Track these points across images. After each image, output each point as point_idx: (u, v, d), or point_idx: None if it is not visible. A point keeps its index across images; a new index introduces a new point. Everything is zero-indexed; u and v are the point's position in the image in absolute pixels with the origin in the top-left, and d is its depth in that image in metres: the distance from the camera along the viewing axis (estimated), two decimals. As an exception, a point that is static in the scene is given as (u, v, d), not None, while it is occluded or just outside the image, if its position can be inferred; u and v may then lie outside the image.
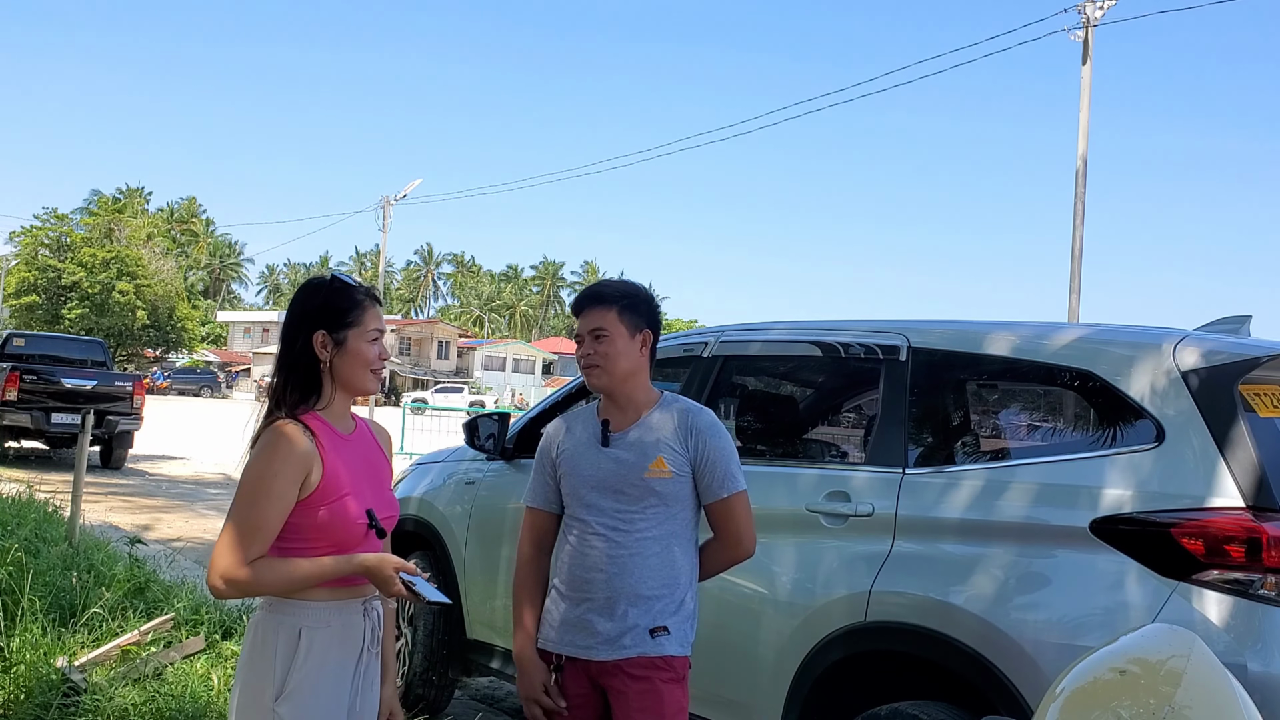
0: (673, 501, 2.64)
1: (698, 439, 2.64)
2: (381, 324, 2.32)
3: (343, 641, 2.22)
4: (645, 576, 2.60)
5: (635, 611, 2.59)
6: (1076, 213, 19.78)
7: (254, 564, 2.10)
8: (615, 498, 2.63)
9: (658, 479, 2.61)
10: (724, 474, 2.64)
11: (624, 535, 2.61)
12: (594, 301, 2.70)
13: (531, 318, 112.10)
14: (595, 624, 2.60)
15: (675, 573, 2.64)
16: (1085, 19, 19.48)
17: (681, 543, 2.67)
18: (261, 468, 2.14)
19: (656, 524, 2.63)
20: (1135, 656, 1.14)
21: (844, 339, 3.55)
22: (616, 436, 2.68)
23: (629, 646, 2.58)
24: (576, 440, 2.74)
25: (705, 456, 2.64)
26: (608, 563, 2.61)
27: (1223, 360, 2.75)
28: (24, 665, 4.44)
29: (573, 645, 2.64)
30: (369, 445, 2.38)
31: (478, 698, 5.50)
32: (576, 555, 2.66)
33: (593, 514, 2.65)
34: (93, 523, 8.86)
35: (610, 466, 2.65)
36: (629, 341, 2.67)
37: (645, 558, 2.61)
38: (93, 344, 17.34)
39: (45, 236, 51.49)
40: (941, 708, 2.82)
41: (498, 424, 4.65)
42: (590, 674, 2.63)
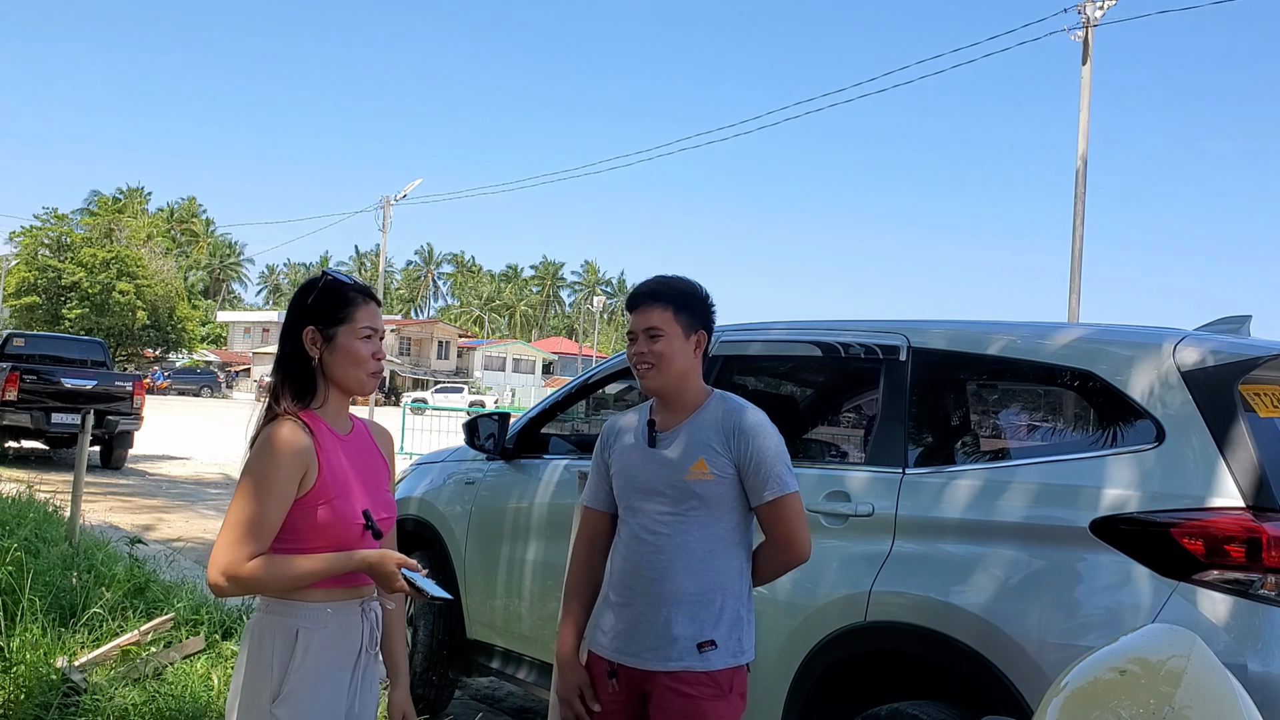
0: (716, 504, 2.55)
1: (740, 439, 2.54)
2: (376, 322, 2.28)
3: (340, 643, 2.20)
4: (688, 582, 2.52)
5: (680, 619, 2.51)
6: (1076, 213, 19.77)
7: (255, 561, 2.09)
8: (658, 500, 2.57)
9: (698, 481, 2.53)
10: (769, 475, 2.53)
11: (665, 539, 2.54)
12: (650, 300, 2.63)
13: (531, 318, 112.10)
14: (642, 632, 2.55)
15: (722, 578, 2.55)
16: (1085, 19, 19.47)
17: (728, 546, 2.57)
18: (260, 465, 2.13)
19: (699, 527, 2.55)
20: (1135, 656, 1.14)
21: (844, 339, 3.55)
22: (663, 437, 2.62)
23: (675, 659, 2.51)
24: (627, 440, 2.69)
25: (750, 457, 2.54)
26: (649, 568, 2.55)
27: (1223, 360, 2.75)
28: (24, 665, 4.44)
29: (622, 653, 2.58)
30: (367, 446, 2.36)
31: (478, 698, 5.50)
32: (624, 561, 2.61)
33: (637, 517, 2.60)
34: (93, 523, 8.86)
35: (654, 468, 2.59)
36: (684, 342, 2.61)
37: (688, 562, 2.53)
38: (93, 344, 17.34)
39: (45, 236, 51.47)
40: (941, 708, 2.82)
41: (498, 424, 4.65)
42: (636, 680, 2.57)
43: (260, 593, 2.18)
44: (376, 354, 2.28)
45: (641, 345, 2.61)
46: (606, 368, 4.62)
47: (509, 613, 4.48)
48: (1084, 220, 19.81)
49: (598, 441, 2.78)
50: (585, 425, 6.05)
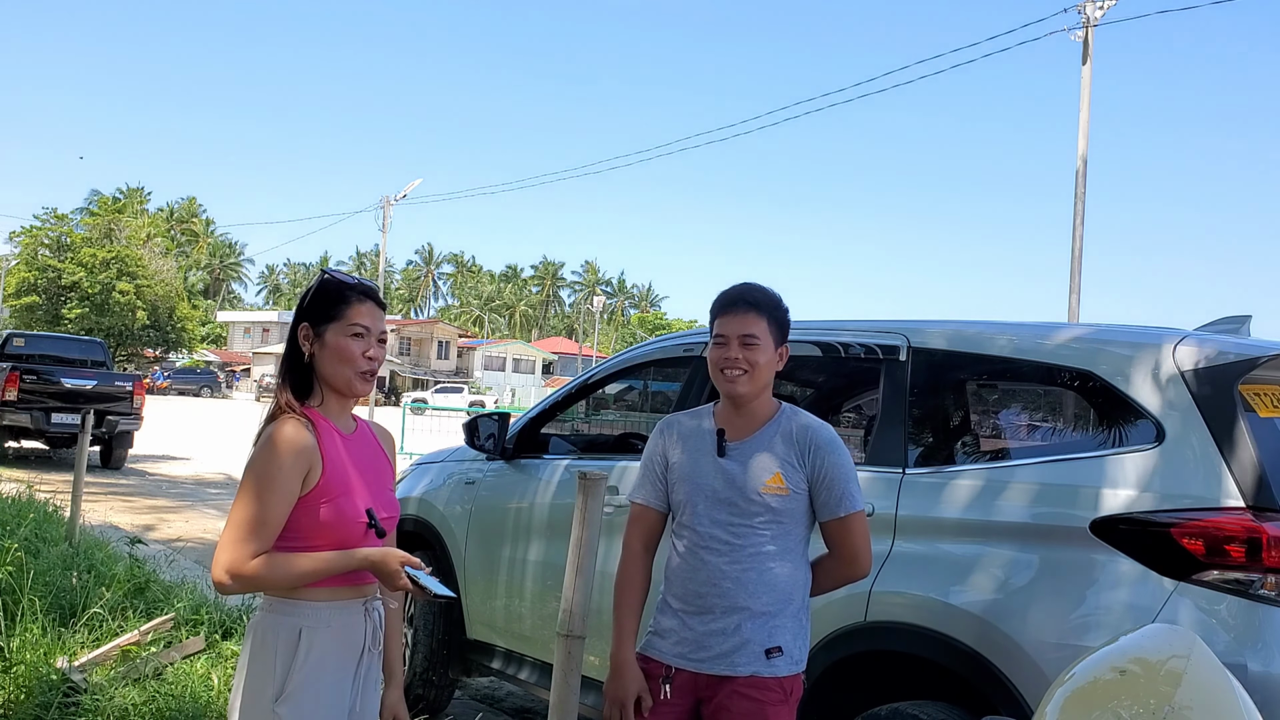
0: (787, 518, 2.56)
1: (815, 455, 2.56)
2: (369, 321, 2.25)
3: (343, 642, 2.20)
4: (760, 593, 2.53)
5: (750, 627, 2.52)
6: (1076, 213, 19.78)
7: (258, 559, 2.09)
8: (729, 510, 2.56)
9: (774, 495, 2.54)
10: (842, 492, 2.56)
11: (738, 551, 2.54)
12: (749, 306, 2.60)
13: (531, 318, 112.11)
14: (710, 639, 2.54)
15: (790, 589, 2.57)
16: (1085, 19, 19.48)
17: (795, 558, 2.59)
18: (264, 462, 2.13)
19: (771, 539, 2.55)
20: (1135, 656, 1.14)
21: (844, 339, 3.55)
22: (732, 447, 2.60)
23: (743, 665, 2.51)
24: (691, 446, 2.66)
25: (823, 474, 2.55)
26: (722, 578, 2.54)
27: (1223, 360, 2.75)
28: (24, 665, 4.44)
29: (684, 659, 2.57)
30: (370, 445, 2.36)
31: (478, 698, 5.50)
32: (689, 568, 2.59)
33: (705, 525, 2.58)
34: (93, 523, 8.86)
35: (725, 479, 2.57)
36: (773, 354, 2.60)
37: (760, 573, 2.54)
38: (93, 344, 17.33)
39: (45, 236, 51.47)
40: (941, 708, 2.82)
41: (498, 424, 4.65)
42: (697, 686, 2.56)
43: (263, 590, 2.17)
44: (368, 353, 2.24)
45: (735, 350, 2.58)
46: (606, 368, 4.62)
47: (509, 613, 4.48)
48: (1084, 220, 19.82)
49: (654, 439, 2.75)
50: (585, 425, 6.06)
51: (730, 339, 2.59)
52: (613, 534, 3.82)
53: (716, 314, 2.66)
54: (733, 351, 2.58)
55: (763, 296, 2.63)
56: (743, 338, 2.57)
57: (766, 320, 2.59)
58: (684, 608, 2.59)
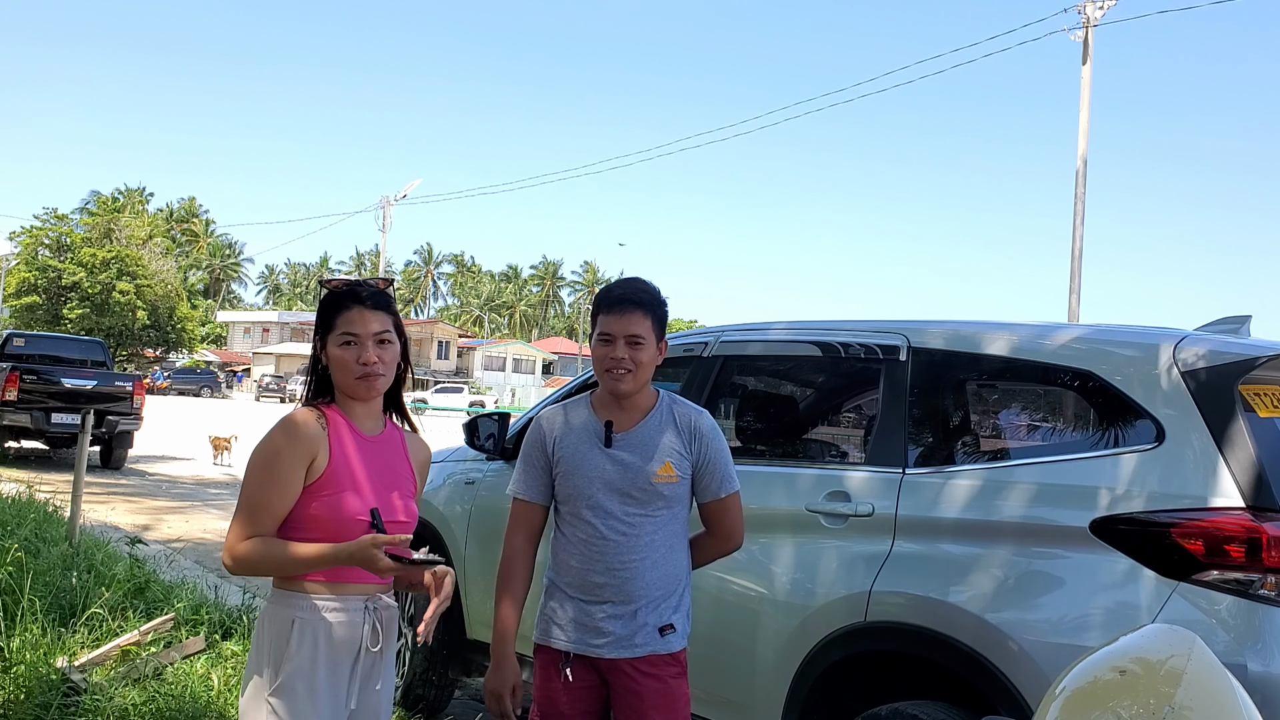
0: (676, 503, 2.69)
1: (700, 442, 2.69)
2: (359, 327, 2.25)
3: (338, 637, 2.20)
4: (656, 578, 2.65)
5: (645, 611, 2.64)
6: (1076, 213, 19.79)
7: (251, 540, 2.13)
8: (623, 500, 2.65)
9: (666, 483, 2.65)
10: (723, 475, 2.72)
11: (634, 540, 2.64)
12: (633, 305, 2.66)
13: (531, 318, 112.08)
14: (608, 625, 2.64)
15: (679, 571, 2.71)
16: (1085, 19, 19.49)
17: (682, 541, 2.74)
18: (265, 447, 2.19)
19: (662, 525, 2.67)
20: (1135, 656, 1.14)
21: (844, 339, 3.55)
22: (619, 437, 2.69)
23: (641, 645, 2.63)
24: (576, 438, 2.73)
25: (707, 459, 2.70)
26: (621, 567, 2.64)
27: (1223, 360, 2.75)
28: (24, 665, 4.44)
29: (584, 644, 2.66)
30: (394, 451, 2.36)
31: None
32: (584, 558, 2.67)
33: (599, 516, 2.66)
34: (93, 523, 8.86)
35: (617, 468, 2.66)
36: (655, 350, 2.69)
37: (655, 560, 2.65)
38: (93, 344, 17.33)
39: (45, 236, 51.46)
40: (941, 708, 2.82)
41: (498, 424, 4.65)
42: (599, 669, 2.66)
43: (258, 573, 2.20)
44: (360, 359, 2.24)
45: (622, 350, 2.64)
46: (606, 368, 4.61)
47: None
48: (1084, 220, 19.83)
49: (533, 432, 2.82)
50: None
51: (616, 338, 2.65)
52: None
53: (602, 311, 2.70)
54: (619, 351, 2.64)
55: (647, 296, 2.70)
56: (629, 338, 2.65)
57: (651, 319, 2.67)
58: (581, 596, 2.67)
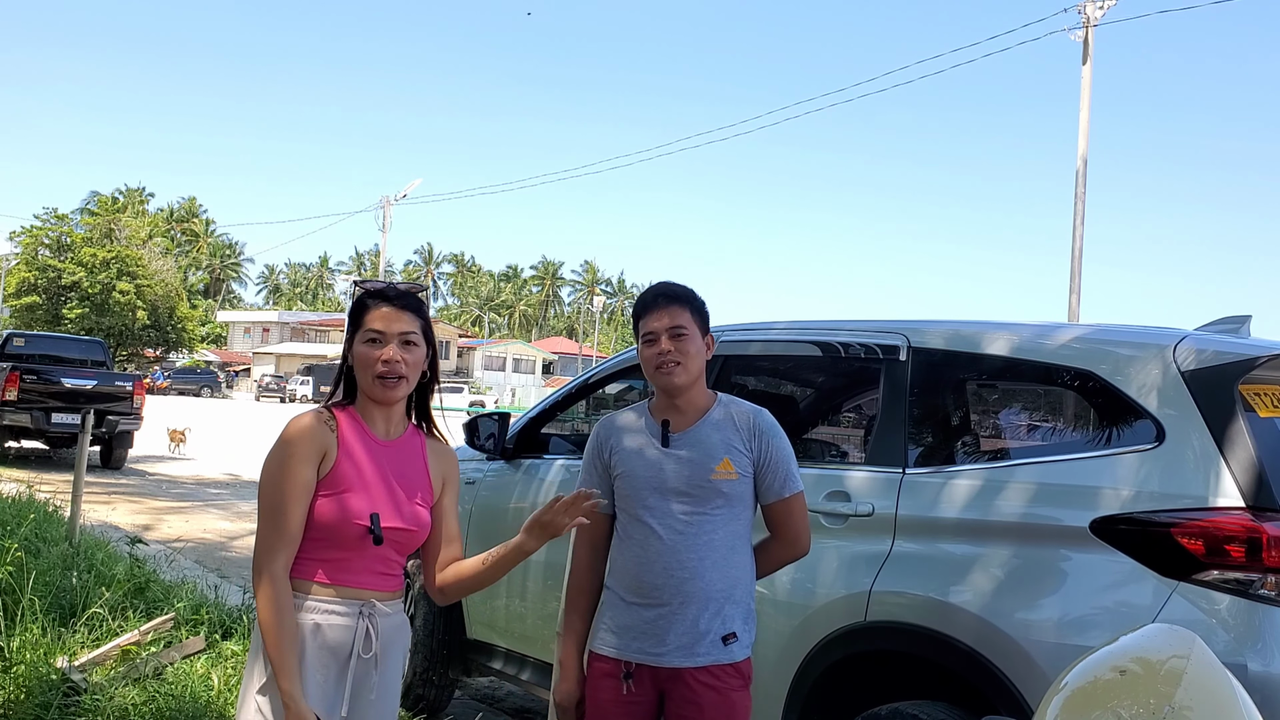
0: (737, 502, 2.62)
1: (761, 440, 2.63)
2: (384, 325, 2.25)
3: (329, 639, 2.16)
4: (715, 579, 2.57)
5: (707, 616, 2.56)
6: (1076, 213, 19.79)
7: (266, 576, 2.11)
8: (681, 499, 2.59)
9: (725, 480, 2.59)
10: (786, 474, 2.64)
11: (691, 539, 2.57)
12: (671, 299, 2.66)
13: (531, 318, 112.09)
14: (667, 631, 2.56)
15: (741, 574, 2.63)
16: (1085, 19, 19.49)
17: (744, 544, 2.65)
18: (274, 454, 2.19)
19: (723, 525, 2.60)
20: (1135, 656, 1.14)
21: (844, 339, 3.55)
22: (677, 437, 2.64)
23: (703, 654, 2.55)
24: (633, 441, 2.68)
25: (769, 457, 2.63)
26: (678, 567, 2.56)
27: (1223, 360, 2.75)
28: (24, 665, 4.43)
29: (642, 652, 2.58)
30: (411, 455, 2.33)
31: (478, 698, 5.50)
32: (641, 560, 2.61)
33: (656, 517, 2.60)
34: (93, 523, 8.86)
35: (673, 468, 2.60)
36: (701, 343, 2.66)
37: (714, 560, 2.58)
38: (93, 344, 17.34)
39: (45, 236, 51.45)
40: (942, 708, 2.82)
41: (498, 424, 4.66)
42: (658, 680, 2.58)
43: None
44: (383, 357, 2.23)
45: (667, 344, 2.62)
46: (606, 368, 4.62)
47: (509, 613, 4.48)
48: (1084, 220, 19.83)
49: (592, 440, 2.78)
50: (585, 425, 6.05)
51: (659, 334, 2.64)
52: (613, 534, 3.82)
53: (642, 314, 2.70)
54: (664, 345, 2.63)
55: (681, 290, 2.71)
56: (671, 330, 2.63)
57: (690, 311, 2.66)
58: (638, 600, 2.61)
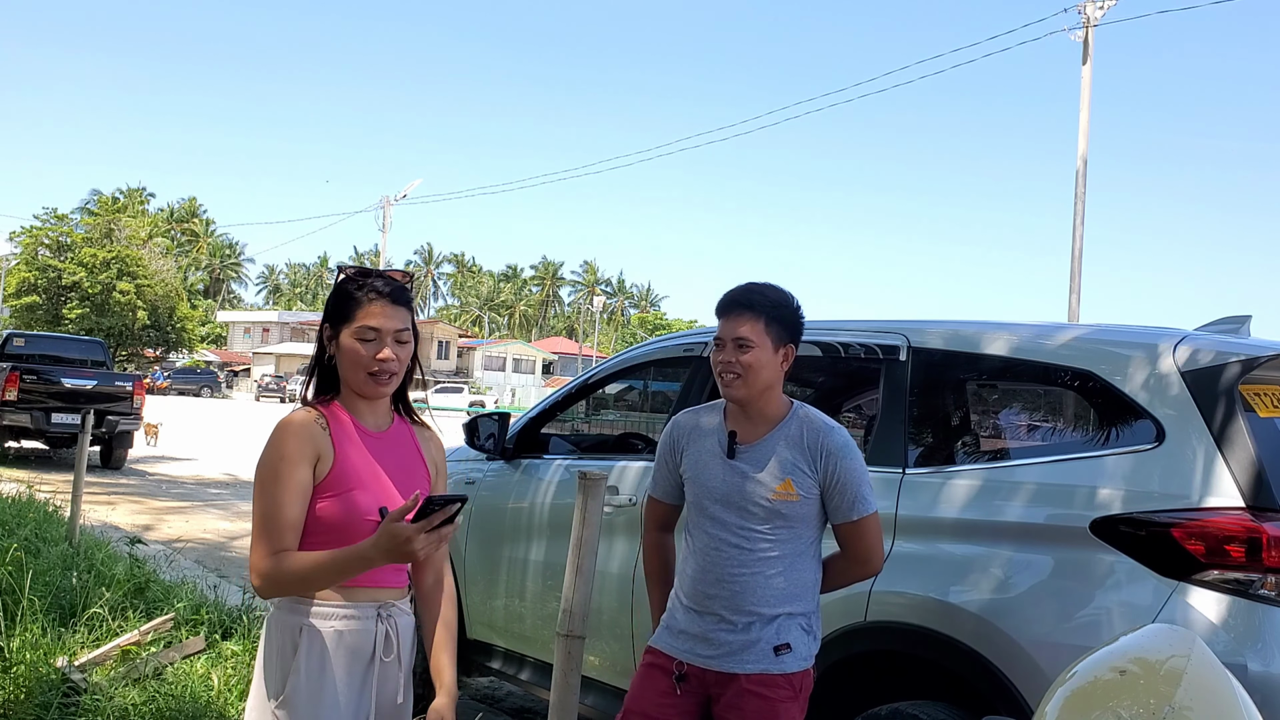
0: (798, 522, 2.57)
1: (828, 461, 2.55)
2: (381, 321, 2.16)
3: (348, 645, 2.10)
4: (770, 594, 2.55)
5: (758, 625, 2.54)
6: (1076, 213, 19.79)
7: (278, 555, 2.02)
8: (739, 514, 2.57)
9: (784, 501, 2.55)
10: (854, 497, 2.56)
11: (746, 554, 2.55)
12: (742, 308, 2.58)
13: (531, 318, 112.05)
14: (718, 636, 2.56)
15: (800, 589, 2.59)
16: (1085, 19, 19.49)
17: (805, 560, 2.61)
18: (267, 456, 2.10)
19: (782, 542, 2.57)
20: (1135, 656, 1.14)
21: (844, 339, 3.55)
22: (743, 449, 2.60)
23: (751, 662, 2.54)
24: (702, 445, 2.66)
25: (835, 479, 2.55)
26: (731, 580, 2.56)
27: (1223, 360, 2.75)
28: (24, 665, 4.43)
29: (693, 654, 2.59)
30: (406, 447, 2.26)
31: (478, 698, 5.49)
32: (700, 567, 2.61)
33: (716, 527, 2.59)
34: (93, 523, 8.86)
35: (735, 481, 2.58)
36: (772, 355, 2.57)
37: (770, 575, 2.55)
38: (93, 344, 17.33)
39: (45, 236, 51.44)
40: (941, 708, 2.82)
41: (498, 424, 4.65)
42: (706, 682, 2.58)
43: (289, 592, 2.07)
44: (379, 355, 2.16)
45: (730, 354, 2.57)
46: (606, 368, 4.62)
47: (509, 613, 4.48)
48: (1084, 220, 19.83)
49: (666, 436, 2.78)
50: (585, 425, 6.06)
51: (726, 342, 2.59)
52: (613, 534, 3.82)
53: (718, 316, 2.67)
54: (726, 354, 2.58)
55: (759, 298, 2.60)
56: (736, 340, 2.57)
57: (764, 321, 2.57)
58: (694, 605, 2.61)
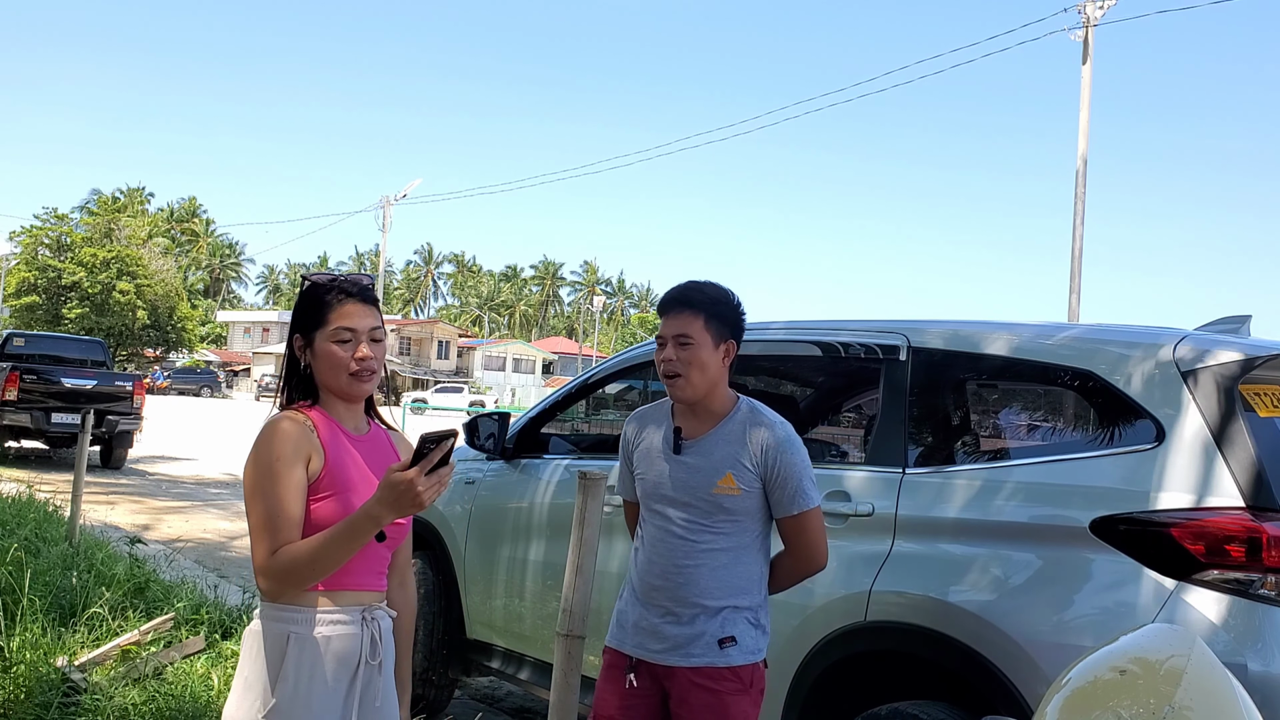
0: (742, 516, 2.60)
1: (769, 455, 2.58)
2: (354, 322, 2.16)
3: (335, 651, 2.10)
4: (714, 586, 2.58)
5: (703, 619, 2.57)
6: (1076, 213, 19.79)
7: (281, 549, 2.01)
8: (683, 508, 2.61)
9: (726, 495, 2.57)
10: (795, 490, 2.58)
11: (692, 545, 2.59)
12: (681, 305, 2.61)
13: (531, 318, 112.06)
14: (664, 629, 2.60)
15: (746, 583, 2.62)
16: (1085, 19, 19.49)
17: (752, 553, 2.63)
18: (261, 457, 2.08)
19: (725, 535, 2.59)
20: (1135, 656, 1.14)
21: (844, 339, 3.55)
22: (688, 444, 2.63)
23: (696, 655, 2.56)
24: (650, 442, 2.70)
25: (777, 473, 2.58)
26: (676, 572, 2.59)
27: (1223, 360, 2.75)
28: (24, 665, 4.43)
29: (643, 649, 2.63)
30: (383, 449, 2.29)
31: (478, 698, 5.50)
32: (647, 559, 2.66)
33: (663, 521, 2.64)
34: (93, 523, 8.85)
35: (680, 476, 2.61)
36: (713, 351, 2.59)
37: (714, 569, 2.58)
38: (93, 344, 17.33)
39: (45, 236, 51.44)
40: (941, 708, 2.82)
41: (498, 424, 4.65)
42: (657, 676, 2.62)
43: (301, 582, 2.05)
44: (358, 355, 2.16)
45: (670, 352, 2.60)
46: (606, 368, 4.62)
47: (509, 612, 4.48)
48: (1084, 220, 19.83)
49: (623, 435, 2.82)
50: (585, 425, 6.06)
51: (667, 340, 2.61)
52: (613, 534, 3.82)
53: (659, 315, 2.69)
54: (668, 352, 2.60)
55: (699, 295, 2.62)
56: (676, 338, 2.59)
57: (704, 318, 2.59)
58: (643, 598, 2.66)
